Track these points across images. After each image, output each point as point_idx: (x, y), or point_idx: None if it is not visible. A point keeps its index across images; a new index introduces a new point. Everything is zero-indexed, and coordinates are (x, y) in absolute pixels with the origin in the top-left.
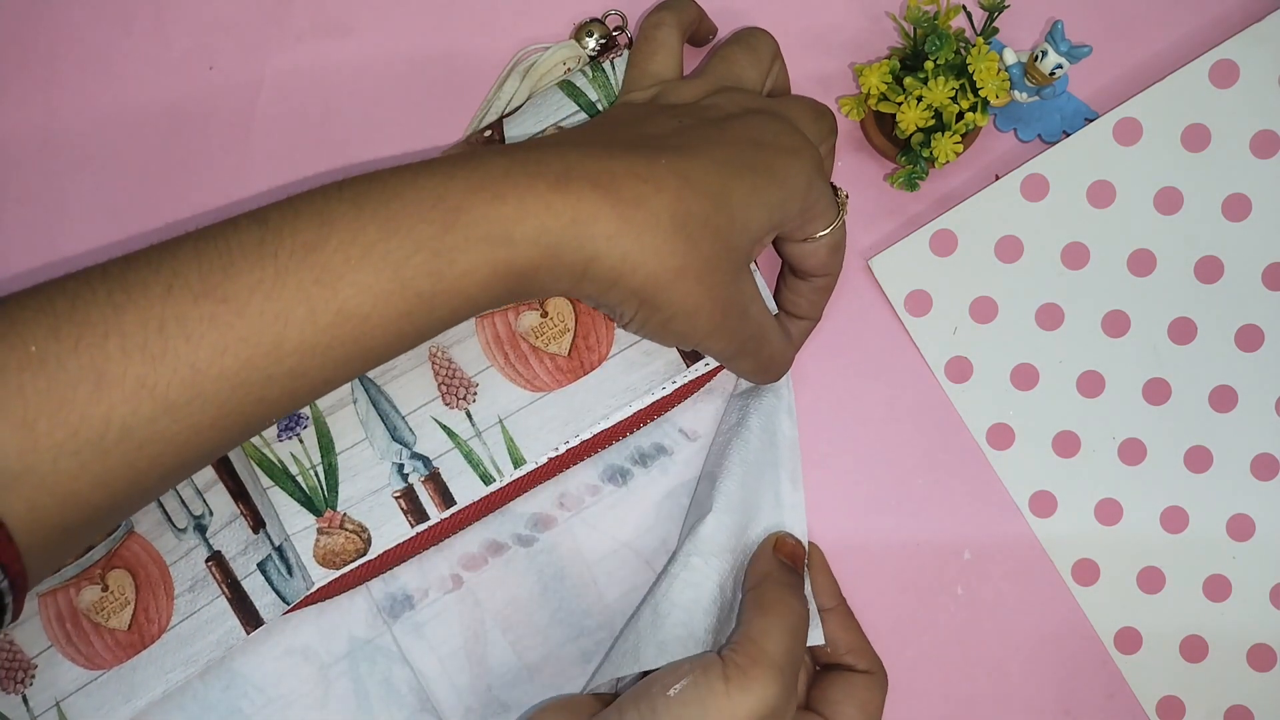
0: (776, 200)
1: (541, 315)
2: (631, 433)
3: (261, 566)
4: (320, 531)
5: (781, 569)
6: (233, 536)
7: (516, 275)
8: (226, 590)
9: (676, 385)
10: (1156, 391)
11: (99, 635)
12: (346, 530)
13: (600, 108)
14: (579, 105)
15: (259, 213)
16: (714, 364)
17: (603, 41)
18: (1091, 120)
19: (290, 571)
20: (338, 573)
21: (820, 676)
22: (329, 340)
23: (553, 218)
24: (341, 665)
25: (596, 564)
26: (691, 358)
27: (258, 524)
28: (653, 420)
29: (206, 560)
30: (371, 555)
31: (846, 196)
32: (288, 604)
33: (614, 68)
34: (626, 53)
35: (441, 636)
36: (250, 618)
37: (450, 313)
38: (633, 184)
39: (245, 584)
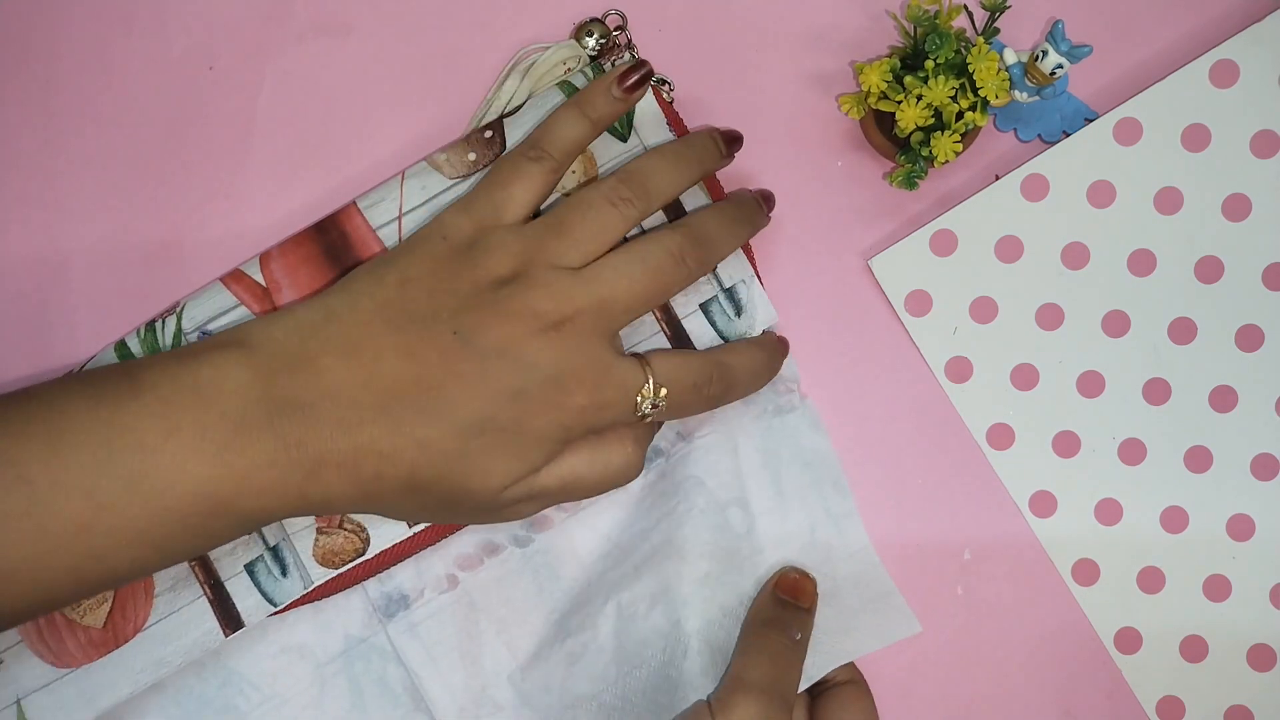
0: (518, 450)
1: None
2: None
3: (250, 568)
4: (320, 531)
5: (771, 606)
6: None
7: (261, 525)
8: (208, 591)
9: None
10: (1156, 391)
11: (72, 632)
12: (345, 530)
13: None
14: None
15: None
16: None
17: (602, 41)
18: (1091, 120)
19: (285, 572)
20: (336, 572)
21: (814, 703)
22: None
23: (305, 503)
24: (337, 664)
25: (591, 565)
26: None
27: None
28: None
29: (190, 560)
30: (370, 554)
31: (661, 398)
32: (275, 606)
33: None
34: (627, 54)
35: (436, 636)
36: (230, 620)
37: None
38: (374, 462)
39: (229, 585)
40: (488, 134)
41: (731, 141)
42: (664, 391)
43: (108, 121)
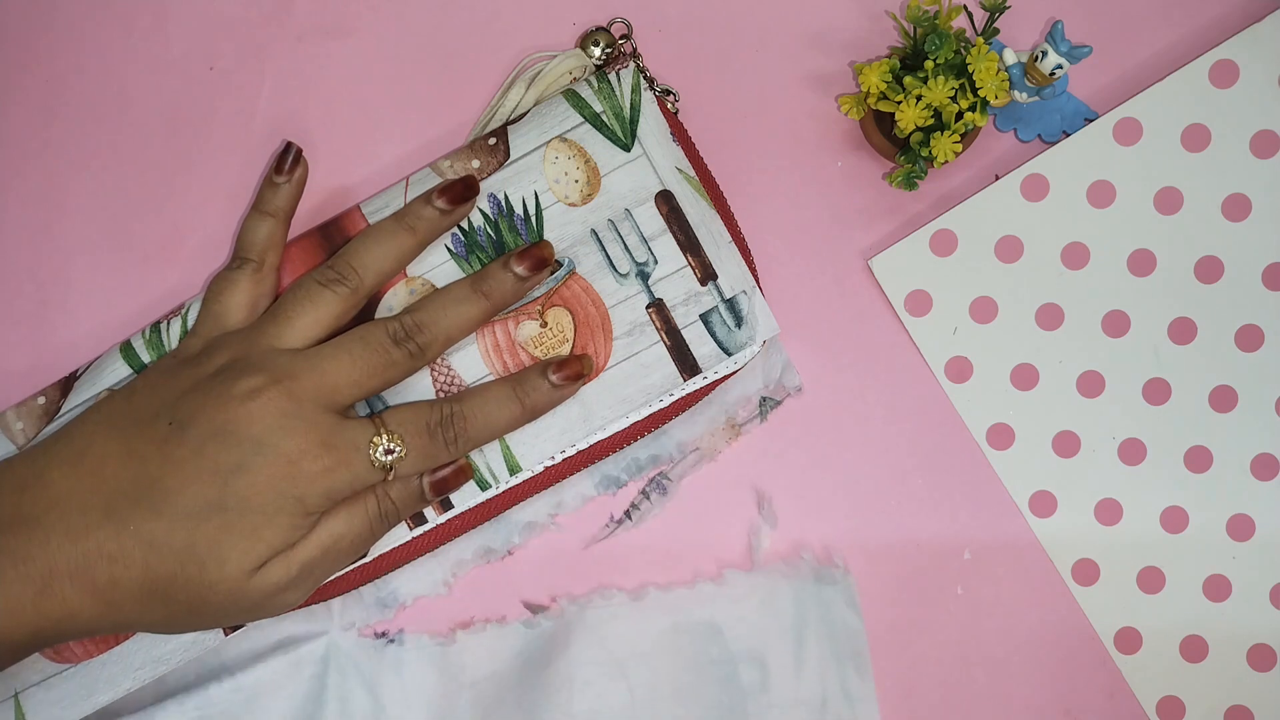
0: (251, 529)
1: (541, 325)
2: (628, 444)
3: None
4: None
5: None
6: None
7: (11, 655)
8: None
9: (674, 398)
10: (1156, 391)
11: None
12: None
13: (605, 120)
14: (584, 117)
15: None
16: (711, 379)
17: (608, 51)
18: (1091, 120)
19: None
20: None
21: None
22: None
23: (45, 621)
24: (314, 668)
25: (579, 667)
26: (689, 372)
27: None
28: (650, 433)
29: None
30: (370, 558)
31: (396, 443)
32: None
33: (619, 79)
34: (633, 64)
35: (416, 685)
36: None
37: None
38: (105, 566)
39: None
40: (491, 141)
41: (444, 193)
42: (398, 437)
43: (108, 121)
